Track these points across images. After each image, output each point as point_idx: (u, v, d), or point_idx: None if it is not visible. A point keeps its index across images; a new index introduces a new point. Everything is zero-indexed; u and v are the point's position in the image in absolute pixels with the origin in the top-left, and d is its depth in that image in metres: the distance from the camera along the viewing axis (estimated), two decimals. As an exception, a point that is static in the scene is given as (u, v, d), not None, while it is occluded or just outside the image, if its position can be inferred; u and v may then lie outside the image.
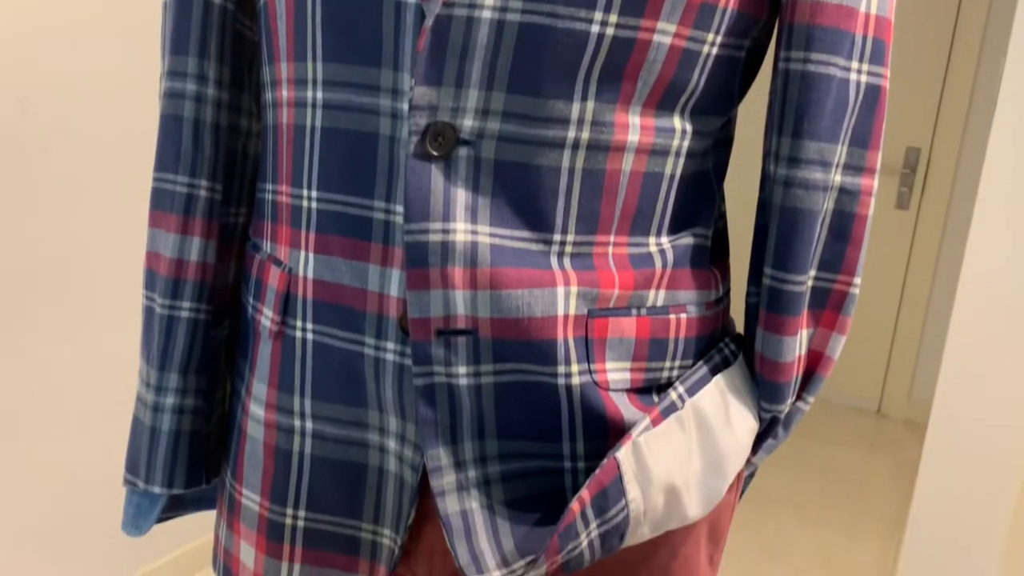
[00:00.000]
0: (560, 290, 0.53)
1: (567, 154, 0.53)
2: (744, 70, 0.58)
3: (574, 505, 0.52)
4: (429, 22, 0.49)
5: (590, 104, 0.52)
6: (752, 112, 3.22)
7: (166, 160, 0.63)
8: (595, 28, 0.50)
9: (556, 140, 0.52)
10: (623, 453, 0.53)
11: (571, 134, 0.52)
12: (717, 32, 0.54)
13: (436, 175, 0.52)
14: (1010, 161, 1.65)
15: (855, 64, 0.55)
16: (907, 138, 3.08)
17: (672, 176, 0.56)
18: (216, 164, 0.64)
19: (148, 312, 0.65)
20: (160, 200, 0.64)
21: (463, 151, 0.52)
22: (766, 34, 0.59)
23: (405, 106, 0.52)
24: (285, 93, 0.57)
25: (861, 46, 0.55)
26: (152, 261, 0.65)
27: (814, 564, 2.31)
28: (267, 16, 0.58)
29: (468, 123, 0.52)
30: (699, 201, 0.59)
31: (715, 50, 0.54)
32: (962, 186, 3.04)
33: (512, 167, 0.53)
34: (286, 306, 0.59)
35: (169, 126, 0.63)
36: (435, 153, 0.52)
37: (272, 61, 0.58)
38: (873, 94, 0.56)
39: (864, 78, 0.56)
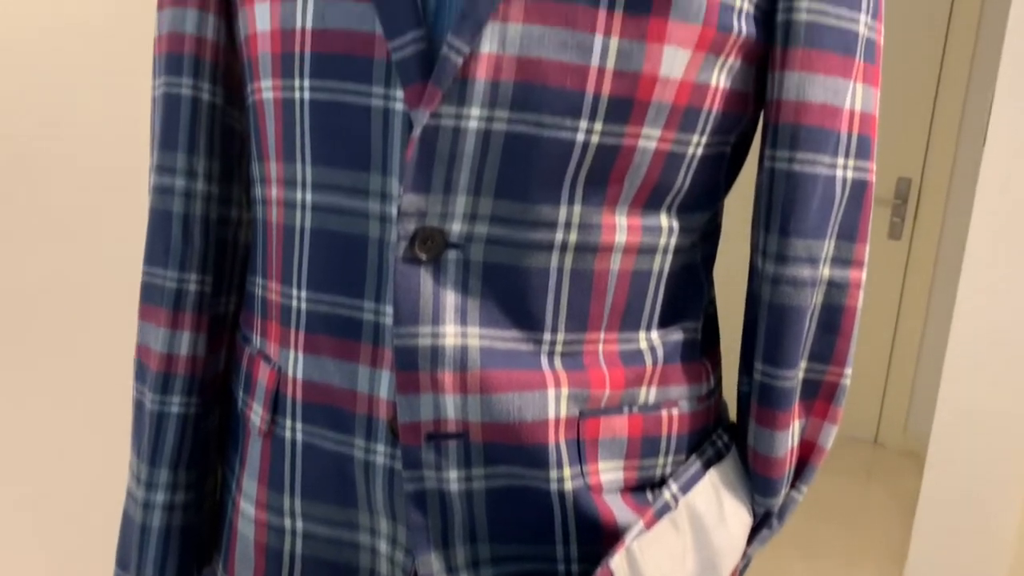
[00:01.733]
0: (551, 392, 0.53)
1: (555, 256, 0.53)
2: (730, 164, 0.59)
3: None
4: (416, 132, 0.50)
5: (577, 207, 0.52)
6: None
7: (155, 254, 0.63)
8: (580, 136, 0.50)
9: (544, 243, 0.52)
10: (616, 561, 0.53)
11: (559, 237, 0.53)
12: (702, 133, 0.54)
13: (425, 278, 0.52)
14: (1001, 192, 1.66)
15: (841, 160, 0.55)
16: (898, 168, 3.10)
17: (660, 272, 0.56)
18: (206, 257, 0.64)
19: (138, 406, 0.65)
20: (149, 294, 0.63)
21: (452, 254, 0.52)
22: (751, 127, 0.59)
23: (394, 210, 0.52)
24: (274, 192, 0.58)
25: (846, 143, 0.55)
26: (142, 354, 0.64)
27: (814, 600, 2.30)
28: (256, 116, 0.58)
29: (456, 228, 0.52)
30: (688, 294, 0.59)
31: (700, 150, 0.55)
32: (954, 215, 3.06)
33: (501, 269, 0.53)
34: (275, 405, 0.59)
35: (158, 221, 0.63)
36: (423, 257, 0.52)
37: (261, 159, 0.59)
38: (859, 188, 0.57)
39: (850, 174, 0.56)
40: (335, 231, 0.54)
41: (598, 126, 0.50)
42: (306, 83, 0.53)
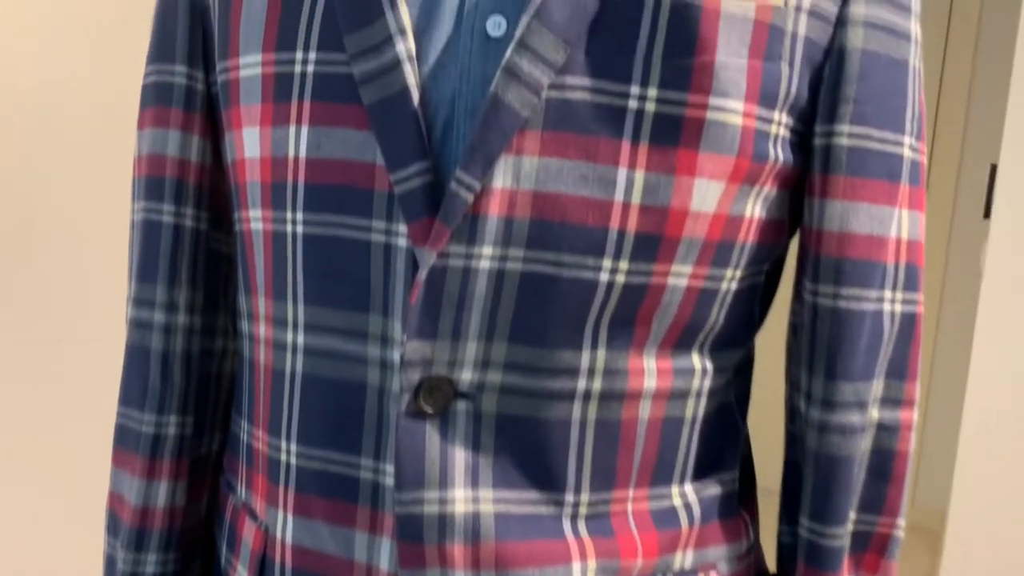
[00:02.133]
0: (576, 567, 0.47)
1: (578, 405, 0.47)
2: (764, 293, 0.54)
3: None
4: (422, 275, 0.44)
5: (601, 352, 0.47)
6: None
7: (131, 395, 0.57)
8: (604, 276, 0.45)
9: (565, 391, 0.47)
10: None
11: (581, 384, 0.47)
12: (736, 267, 0.49)
13: (431, 435, 0.46)
14: (1012, 265, 1.63)
15: (888, 294, 0.50)
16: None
17: (694, 418, 0.51)
18: (187, 396, 0.58)
19: (109, 563, 0.58)
20: (124, 438, 0.57)
21: (461, 405, 0.47)
22: (785, 251, 0.55)
23: (396, 356, 0.47)
24: (263, 331, 0.52)
25: (894, 275, 0.50)
26: (115, 503, 0.58)
27: None
28: (243, 247, 0.53)
29: (467, 376, 0.47)
30: (724, 439, 0.53)
31: (735, 285, 0.50)
32: (952, 287, 3.03)
33: (517, 421, 0.47)
34: (262, 570, 0.52)
35: (135, 359, 0.57)
36: (429, 410, 0.46)
37: (249, 293, 0.53)
38: (908, 322, 0.52)
39: (899, 307, 0.51)
40: (329, 378, 0.49)
41: (623, 264, 0.45)
42: (299, 216, 0.48)
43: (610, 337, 0.47)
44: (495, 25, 0.45)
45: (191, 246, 0.57)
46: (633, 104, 0.44)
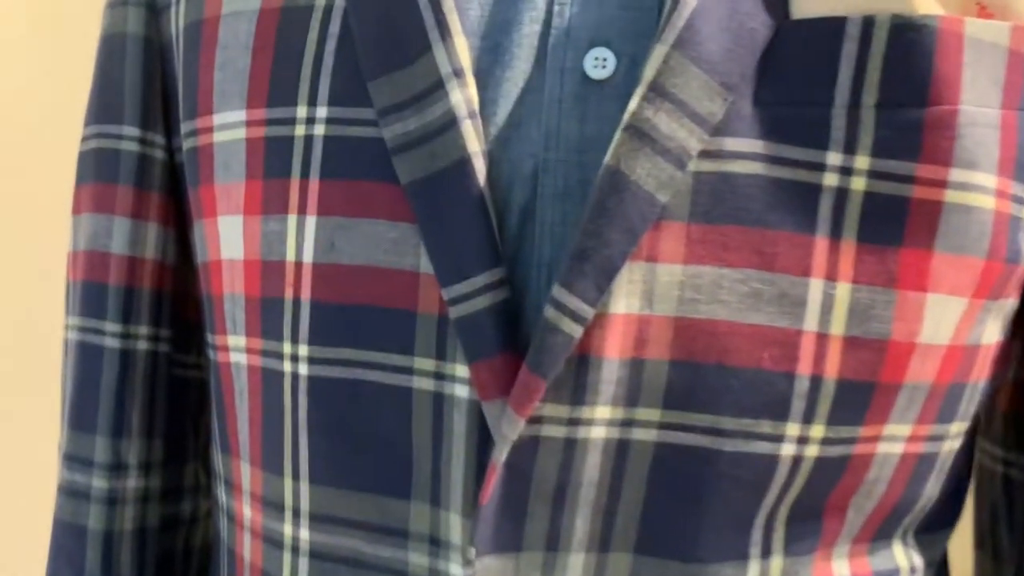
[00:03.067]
0: None
1: None
2: (973, 444, 0.38)
3: None
4: (502, 454, 0.28)
5: (776, 561, 0.31)
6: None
7: (58, 595, 0.40)
8: (788, 449, 0.29)
9: None
10: None
11: None
12: (964, 418, 0.33)
13: None
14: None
15: None
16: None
17: None
18: None
19: None
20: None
21: None
22: None
23: (457, 573, 0.30)
24: (247, 513, 0.35)
25: None
26: None
27: None
28: (219, 385, 0.37)
29: None
30: None
31: (957, 442, 0.34)
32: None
33: None
34: None
35: (66, 540, 0.40)
36: None
37: (227, 452, 0.37)
38: None
39: None
40: None
41: (817, 431, 0.29)
42: (303, 350, 0.32)
43: (789, 537, 0.31)
44: (597, 62, 0.29)
45: (146, 378, 0.40)
46: (832, 180, 0.28)
